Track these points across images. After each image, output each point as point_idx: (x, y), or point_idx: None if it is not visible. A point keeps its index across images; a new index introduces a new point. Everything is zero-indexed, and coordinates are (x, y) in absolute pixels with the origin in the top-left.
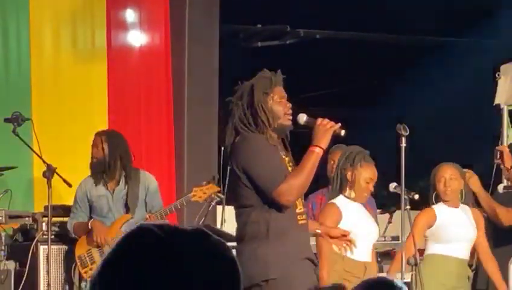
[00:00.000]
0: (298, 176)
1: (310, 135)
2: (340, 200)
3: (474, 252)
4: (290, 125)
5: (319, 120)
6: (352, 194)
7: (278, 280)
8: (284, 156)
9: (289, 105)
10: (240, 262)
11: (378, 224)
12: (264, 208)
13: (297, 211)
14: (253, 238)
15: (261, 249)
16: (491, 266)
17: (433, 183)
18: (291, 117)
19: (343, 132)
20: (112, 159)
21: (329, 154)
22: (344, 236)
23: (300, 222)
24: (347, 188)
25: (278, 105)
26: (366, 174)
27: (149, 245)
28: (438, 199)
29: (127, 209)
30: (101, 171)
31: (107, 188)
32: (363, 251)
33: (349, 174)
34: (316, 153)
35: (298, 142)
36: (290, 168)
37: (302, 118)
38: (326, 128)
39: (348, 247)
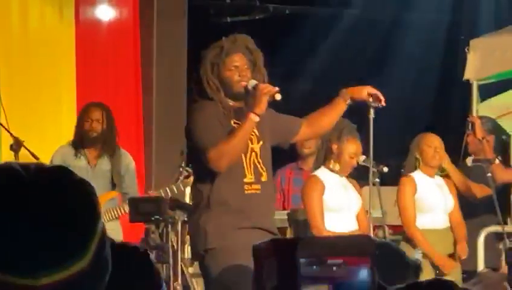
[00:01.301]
0: (228, 142)
1: None
2: (321, 172)
3: None
4: (242, 92)
5: (259, 85)
6: (337, 167)
7: (217, 250)
8: (234, 124)
9: (245, 72)
10: (190, 232)
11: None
12: (207, 177)
13: (246, 180)
14: (197, 208)
15: (202, 219)
16: (458, 230)
17: (418, 149)
18: (244, 84)
19: (278, 96)
20: (111, 135)
21: None
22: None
23: (247, 192)
24: (331, 161)
25: (230, 72)
26: (351, 148)
27: (10, 183)
28: (417, 166)
29: (113, 186)
30: (96, 144)
31: (88, 162)
32: (346, 222)
33: (334, 147)
34: (249, 118)
35: None
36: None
37: (251, 84)
38: (262, 93)
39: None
